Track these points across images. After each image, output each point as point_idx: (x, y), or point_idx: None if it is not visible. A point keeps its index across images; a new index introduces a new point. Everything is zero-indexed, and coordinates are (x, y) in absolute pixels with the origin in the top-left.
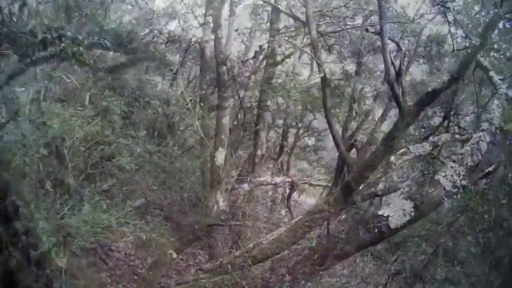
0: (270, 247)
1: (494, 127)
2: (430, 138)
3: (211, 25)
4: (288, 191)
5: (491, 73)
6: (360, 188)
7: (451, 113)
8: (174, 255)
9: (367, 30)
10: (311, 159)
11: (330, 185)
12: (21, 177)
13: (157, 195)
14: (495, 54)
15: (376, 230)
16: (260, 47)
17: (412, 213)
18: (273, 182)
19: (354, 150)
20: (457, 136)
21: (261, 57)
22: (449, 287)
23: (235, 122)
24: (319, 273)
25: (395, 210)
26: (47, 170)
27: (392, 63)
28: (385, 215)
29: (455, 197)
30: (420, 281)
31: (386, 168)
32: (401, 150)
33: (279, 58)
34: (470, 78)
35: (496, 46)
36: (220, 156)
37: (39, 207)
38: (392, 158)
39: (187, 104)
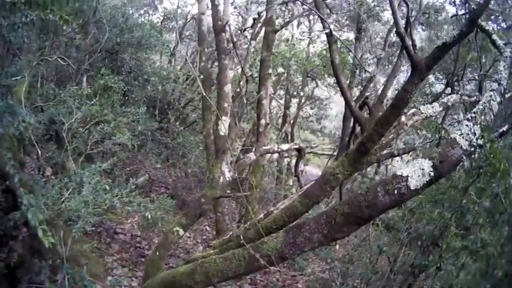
0: (283, 216)
1: (503, 88)
2: (440, 99)
3: None
4: (294, 161)
5: (494, 36)
6: (375, 148)
7: (454, 79)
8: (181, 232)
9: None
10: (314, 128)
11: (335, 154)
12: (19, 166)
13: (161, 173)
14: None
15: (396, 192)
16: (258, 14)
17: (432, 174)
18: (279, 150)
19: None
20: (465, 98)
21: (259, 25)
22: (467, 256)
23: (238, 90)
24: (337, 241)
25: (414, 170)
26: (46, 155)
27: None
28: (404, 175)
29: (473, 156)
30: (437, 249)
31: (398, 129)
32: (412, 111)
33: (277, 26)
34: (471, 46)
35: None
36: (224, 125)
37: (37, 194)
38: (404, 118)
39: (186, 79)
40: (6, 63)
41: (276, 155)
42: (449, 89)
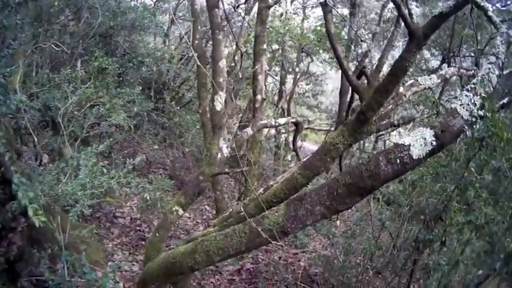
0: (283, 189)
1: (501, 61)
2: (438, 71)
3: None
4: (291, 136)
5: (490, 13)
6: (374, 118)
7: (450, 55)
8: (181, 212)
9: None
10: (311, 104)
11: (332, 129)
12: (17, 156)
13: (158, 154)
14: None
15: (398, 161)
16: None
17: (434, 143)
18: (276, 124)
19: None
20: (462, 71)
21: (252, 0)
22: (472, 231)
23: (233, 65)
24: (338, 213)
25: (416, 139)
26: (42, 142)
27: None
28: (406, 143)
29: (475, 127)
30: (441, 223)
31: (397, 100)
32: (410, 82)
33: (271, 1)
34: (466, 23)
35: None
36: (220, 100)
37: (34, 182)
38: (402, 89)
39: (181, 59)
40: (1, 54)
41: (273, 131)
42: (445, 65)
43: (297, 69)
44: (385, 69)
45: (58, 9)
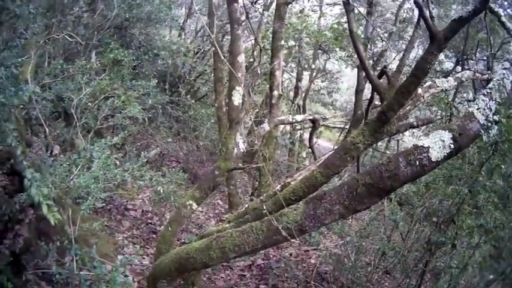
0: (302, 187)
1: None
2: (454, 73)
3: None
4: (307, 133)
5: (503, 18)
6: (395, 117)
7: (464, 58)
8: (195, 206)
9: None
10: (325, 101)
11: (346, 127)
12: (27, 146)
13: (172, 146)
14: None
15: (417, 163)
16: None
17: (452, 146)
18: (293, 121)
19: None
20: (478, 74)
21: None
22: (482, 235)
23: (251, 60)
24: (356, 212)
25: (435, 141)
26: (54, 133)
27: None
28: (425, 146)
29: (489, 131)
30: (453, 226)
31: (415, 101)
32: (428, 83)
33: None
34: (479, 27)
35: None
36: (238, 95)
37: (45, 173)
38: (420, 91)
39: (196, 53)
40: (13, 44)
41: (288, 128)
42: (459, 67)
43: (313, 66)
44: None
45: (72, 0)
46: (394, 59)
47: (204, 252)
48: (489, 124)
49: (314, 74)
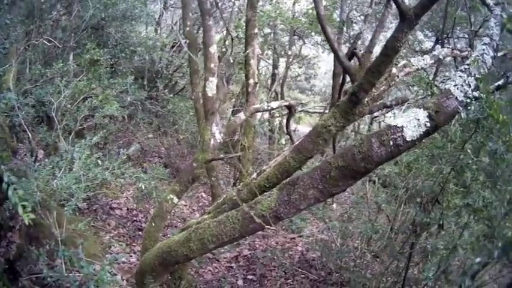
0: (276, 173)
1: (495, 43)
2: (431, 52)
3: None
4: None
5: None
6: (366, 99)
7: (443, 36)
8: (176, 200)
9: None
10: (304, 87)
11: (326, 112)
12: (12, 153)
13: (153, 142)
14: None
15: (391, 143)
16: None
17: (428, 124)
18: (269, 108)
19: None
20: (456, 52)
21: None
22: (470, 215)
23: (224, 50)
24: (331, 196)
25: (410, 120)
26: (37, 138)
27: None
28: (399, 125)
29: (469, 108)
30: (438, 206)
31: (390, 81)
32: (403, 62)
33: None
34: (458, 5)
35: None
36: (211, 86)
37: (30, 178)
38: (394, 70)
39: (173, 47)
40: None
41: (266, 115)
42: (438, 46)
43: (289, 53)
44: (377, 50)
45: (50, 5)
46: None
47: (184, 245)
48: (468, 101)
49: (290, 60)
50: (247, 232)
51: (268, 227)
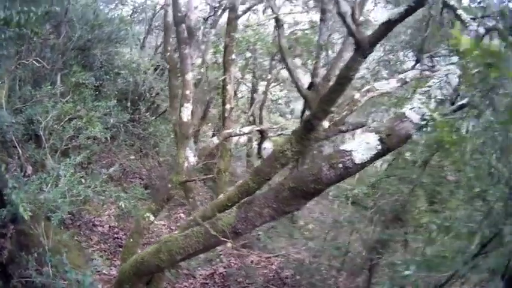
0: (237, 193)
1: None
2: (397, 75)
3: None
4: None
5: (460, 11)
6: (325, 125)
7: (424, 56)
8: (152, 218)
9: None
10: (284, 111)
11: None
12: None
13: (135, 164)
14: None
15: (340, 166)
16: (219, 2)
17: (379, 147)
18: (241, 133)
19: None
20: (426, 73)
21: (219, 12)
22: (439, 233)
23: (200, 77)
24: (285, 214)
25: (360, 144)
26: (26, 155)
27: None
28: (347, 149)
29: (424, 130)
30: (400, 223)
31: (352, 106)
32: (367, 87)
33: (240, 12)
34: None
35: None
36: (187, 111)
37: (20, 191)
38: (357, 95)
39: (156, 70)
40: None
41: (244, 139)
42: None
43: (269, 76)
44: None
45: (40, 24)
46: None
47: (155, 256)
48: (423, 123)
49: (269, 83)
50: (210, 245)
51: (228, 241)
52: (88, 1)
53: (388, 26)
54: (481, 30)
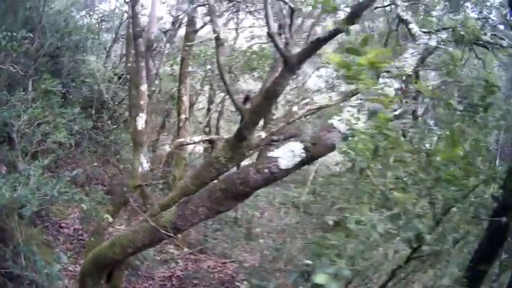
0: (178, 195)
1: (404, 74)
2: (338, 87)
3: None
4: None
5: (411, 25)
6: (262, 135)
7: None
8: (110, 219)
9: None
10: None
11: None
12: None
13: (98, 170)
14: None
15: (266, 171)
16: (177, 16)
17: (303, 155)
18: (192, 142)
19: None
20: None
21: (177, 25)
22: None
23: (153, 89)
24: (219, 213)
25: (285, 152)
26: (1, 155)
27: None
28: (274, 156)
29: (350, 139)
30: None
31: (289, 118)
32: (306, 100)
33: (198, 26)
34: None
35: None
36: (141, 121)
37: None
38: (295, 108)
39: (119, 79)
40: None
41: (200, 148)
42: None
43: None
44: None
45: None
46: (310, 76)
47: (110, 249)
48: (350, 132)
49: (225, 95)
50: (155, 240)
51: (170, 235)
52: (61, 8)
53: (317, 44)
54: (432, 43)
